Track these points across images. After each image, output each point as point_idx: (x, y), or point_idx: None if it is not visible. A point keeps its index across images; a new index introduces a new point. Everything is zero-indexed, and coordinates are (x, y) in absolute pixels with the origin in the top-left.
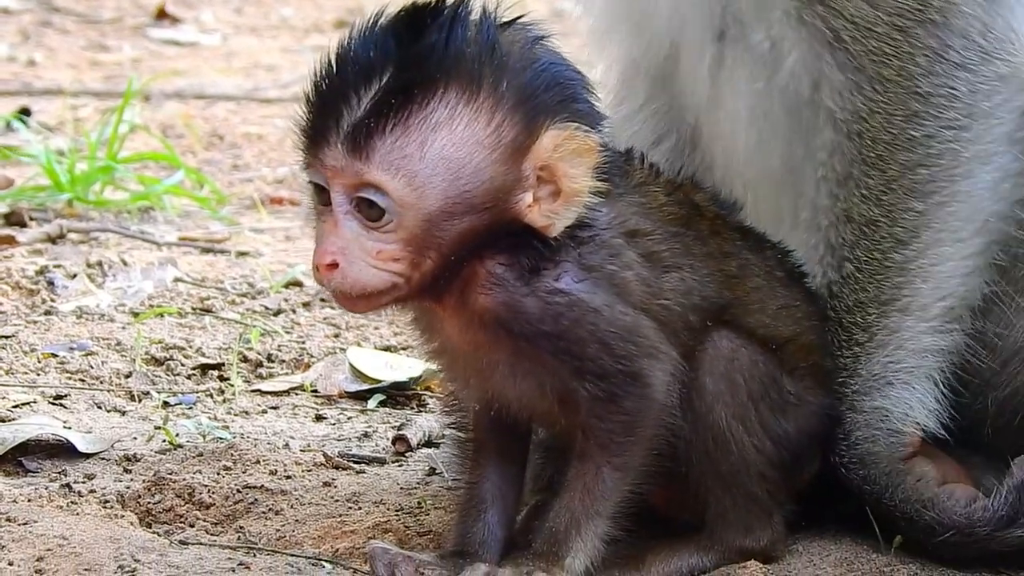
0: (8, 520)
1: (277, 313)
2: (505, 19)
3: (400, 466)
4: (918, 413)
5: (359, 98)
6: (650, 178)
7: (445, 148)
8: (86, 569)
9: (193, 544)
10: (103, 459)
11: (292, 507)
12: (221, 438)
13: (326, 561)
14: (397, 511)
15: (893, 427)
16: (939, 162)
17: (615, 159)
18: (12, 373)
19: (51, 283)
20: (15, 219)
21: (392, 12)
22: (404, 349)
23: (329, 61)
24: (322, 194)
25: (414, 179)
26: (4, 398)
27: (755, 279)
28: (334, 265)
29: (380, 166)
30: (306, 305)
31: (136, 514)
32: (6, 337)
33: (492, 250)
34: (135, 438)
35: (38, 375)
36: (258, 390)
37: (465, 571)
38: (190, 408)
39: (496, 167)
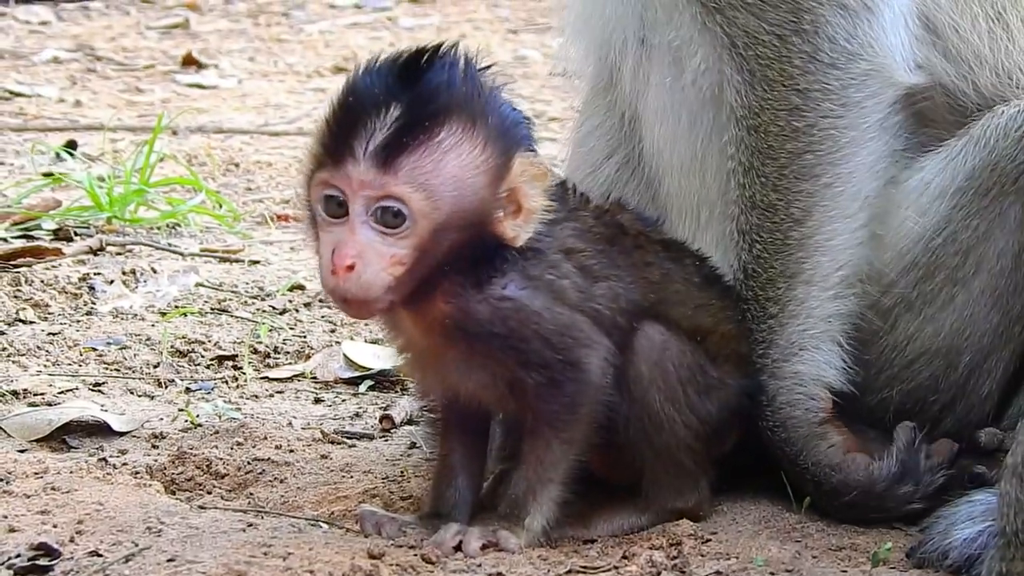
0: (53, 489)
1: (283, 312)
2: (481, 67)
3: (386, 441)
4: (828, 374)
5: (380, 124)
6: (581, 204)
7: (454, 169)
8: (119, 530)
9: (210, 508)
10: (134, 437)
11: (294, 476)
12: (234, 418)
13: (323, 522)
14: (383, 479)
15: (809, 392)
16: (821, 147)
17: (557, 188)
18: (58, 364)
19: (92, 288)
20: (62, 234)
21: (396, 56)
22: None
23: (349, 95)
24: (338, 207)
25: (431, 193)
26: (51, 385)
27: (675, 284)
28: (351, 267)
29: (404, 180)
30: (307, 305)
31: (162, 483)
32: (53, 334)
33: (452, 264)
34: (162, 419)
35: (80, 366)
36: (266, 377)
37: (440, 530)
38: (208, 393)
39: (485, 187)
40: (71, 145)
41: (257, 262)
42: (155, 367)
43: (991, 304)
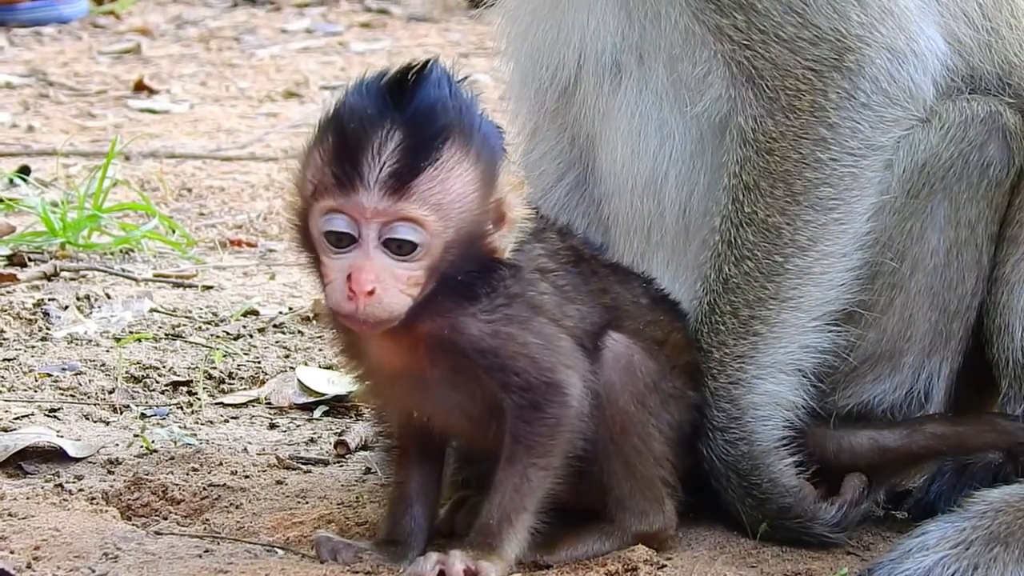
0: (10, 515)
1: (237, 338)
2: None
3: (341, 466)
4: (796, 400)
5: (383, 149)
6: (547, 227)
7: (457, 186)
8: (76, 556)
9: (166, 534)
10: (90, 462)
11: (250, 502)
12: (190, 444)
13: (279, 548)
14: (339, 505)
15: (778, 412)
16: (841, 183)
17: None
18: (13, 390)
19: (47, 314)
20: (16, 260)
21: (380, 76)
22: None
23: (347, 120)
24: (345, 234)
25: (442, 213)
26: (7, 411)
27: (625, 307)
28: (372, 292)
29: (418, 203)
30: (261, 331)
31: (118, 509)
32: (8, 360)
33: (447, 280)
34: (117, 444)
35: (35, 392)
36: (221, 403)
37: (418, 560)
38: (164, 419)
39: (481, 201)
40: (24, 171)
41: (210, 287)
42: (110, 393)
43: (928, 303)
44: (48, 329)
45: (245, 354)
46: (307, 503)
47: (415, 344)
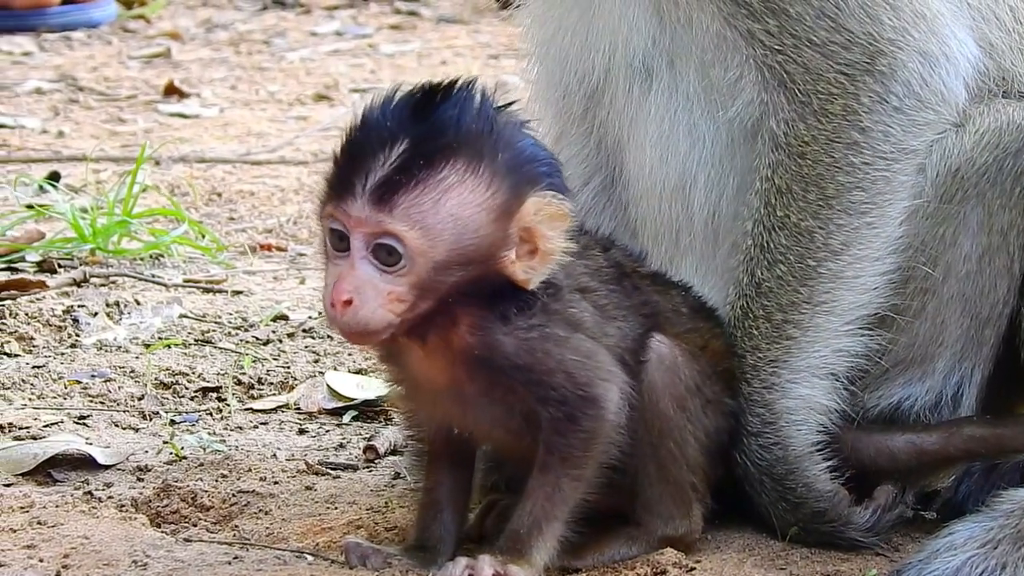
0: (39, 523)
1: (266, 343)
2: (500, 103)
3: (370, 472)
4: (829, 404)
5: (383, 161)
6: (591, 243)
7: (454, 207)
8: (105, 564)
9: (195, 541)
10: (119, 470)
11: (279, 508)
12: (219, 450)
13: (308, 554)
14: (368, 510)
15: (812, 416)
16: (874, 187)
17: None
18: (43, 397)
19: (76, 320)
20: (46, 266)
21: (412, 90)
22: (374, 372)
23: (357, 129)
24: (340, 241)
25: (428, 231)
26: (36, 419)
27: (665, 315)
28: (349, 302)
29: (400, 218)
30: (291, 336)
31: (147, 516)
32: (38, 367)
33: (476, 298)
34: (146, 451)
35: (65, 399)
36: (250, 408)
37: (447, 566)
38: (193, 425)
39: (490, 226)
40: (54, 177)
41: (240, 292)
42: (139, 399)
43: (960, 309)
44: (78, 336)
45: (274, 359)
46: (336, 509)
47: (452, 359)
